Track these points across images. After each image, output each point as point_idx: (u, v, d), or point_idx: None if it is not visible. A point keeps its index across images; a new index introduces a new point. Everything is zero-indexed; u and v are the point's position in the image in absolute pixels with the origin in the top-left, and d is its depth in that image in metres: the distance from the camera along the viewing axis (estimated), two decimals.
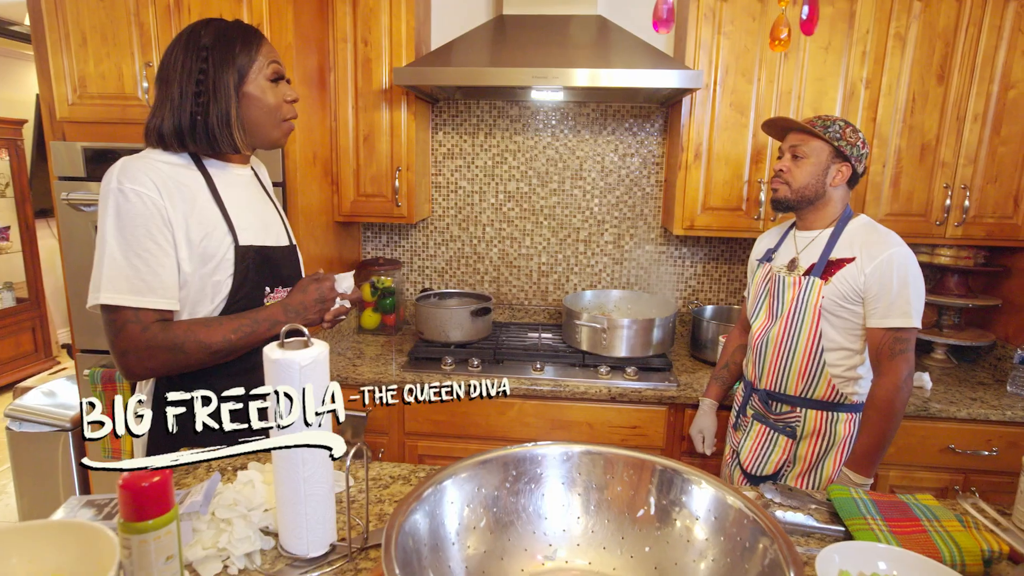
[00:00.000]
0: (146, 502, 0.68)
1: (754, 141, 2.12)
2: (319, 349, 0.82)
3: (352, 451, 0.85)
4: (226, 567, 0.84)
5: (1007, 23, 1.96)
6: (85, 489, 2.40)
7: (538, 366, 2.13)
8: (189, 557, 0.83)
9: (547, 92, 2.28)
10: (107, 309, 1.09)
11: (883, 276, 1.43)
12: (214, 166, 1.21)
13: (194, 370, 1.16)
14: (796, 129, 1.56)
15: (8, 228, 4.35)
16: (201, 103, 1.14)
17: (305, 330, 0.84)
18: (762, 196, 2.13)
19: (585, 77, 1.91)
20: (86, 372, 2.08)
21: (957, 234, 2.11)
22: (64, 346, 4.93)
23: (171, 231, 1.10)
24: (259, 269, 1.22)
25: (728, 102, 2.11)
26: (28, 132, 4.39)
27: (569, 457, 0.81)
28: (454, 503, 0.75)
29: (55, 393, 2.54)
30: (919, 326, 1.45)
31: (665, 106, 2.43)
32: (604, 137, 2.49)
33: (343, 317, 1.33)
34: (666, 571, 0.74)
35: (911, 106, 2.05)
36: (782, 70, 2.06)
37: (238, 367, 1.21)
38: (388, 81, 2.19)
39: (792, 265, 1.60)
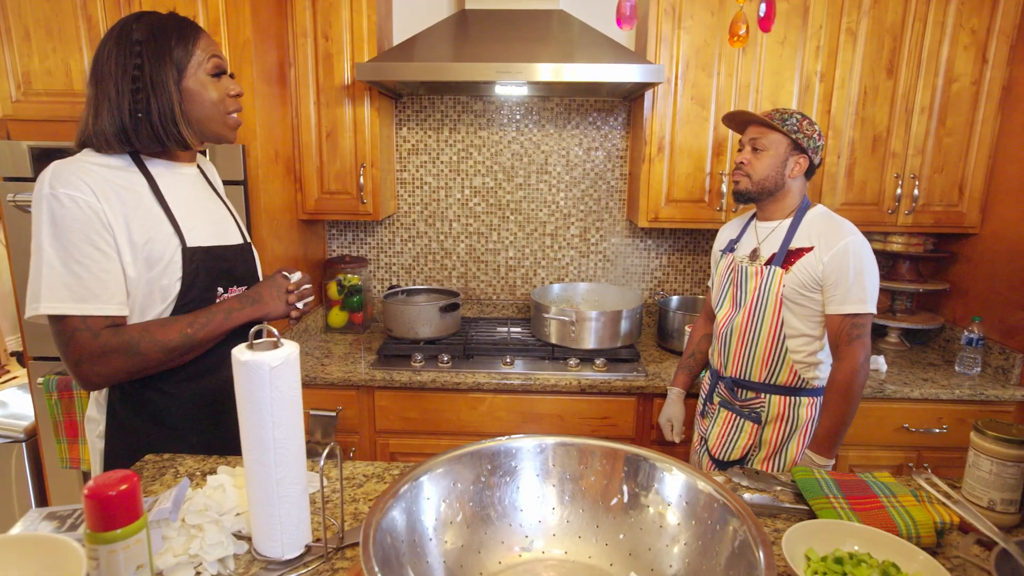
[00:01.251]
0: (114, 511, 0.66)
1: (715, 134, 2.17)
2: (289, 350, 0.81)
3: (325, 451, 0.84)
4: (199, 574, 0.83)
5: (950, 19, 2.05)
6: (42, 501, 2.32)
7: (508, 360, 2.14)
8: (160, 565, 0.82)
9: (511, 87, 2.28)
10: (54, 319, 1.05)
11: (840, 264, 1.48)
12: (157, 166, 1.17)
13: (151, 373, 1.13)
14: (755, 122, 1.60)
15: None
16: (140, 100, 1.09)
17: (275, 331, 0.83)
18: (724, 188, 2.18)
19: (548, 72, 1.92)
20: (40, 380, 2.00)
21: (908, 222, 2.19)
22: (14, 354, 4.72)
23: (112, 235, 1.06)
24: (209, 270, 1.18)
25: (689, 96, 2.14)
26: None
27: (543, 449, 0.82)
28: (430, 499, 0.75)
29: (6, 403, 2.45)
30: (874, 311, 1.50)
31: (628, 100, 2.46)
32: (568, 131, 2.50)
33: (310, 299, 1.29)
34: (640, 556, 0.76)
35: (863, 99, 2.12)
36: (741, 64, 2.11)
37: (192, 370, 1.18)
38: (350, 77, 2.16)
39: (754, 255, 1.64)
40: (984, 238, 2.20)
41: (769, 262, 1.59)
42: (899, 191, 2.16)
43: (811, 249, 1.53)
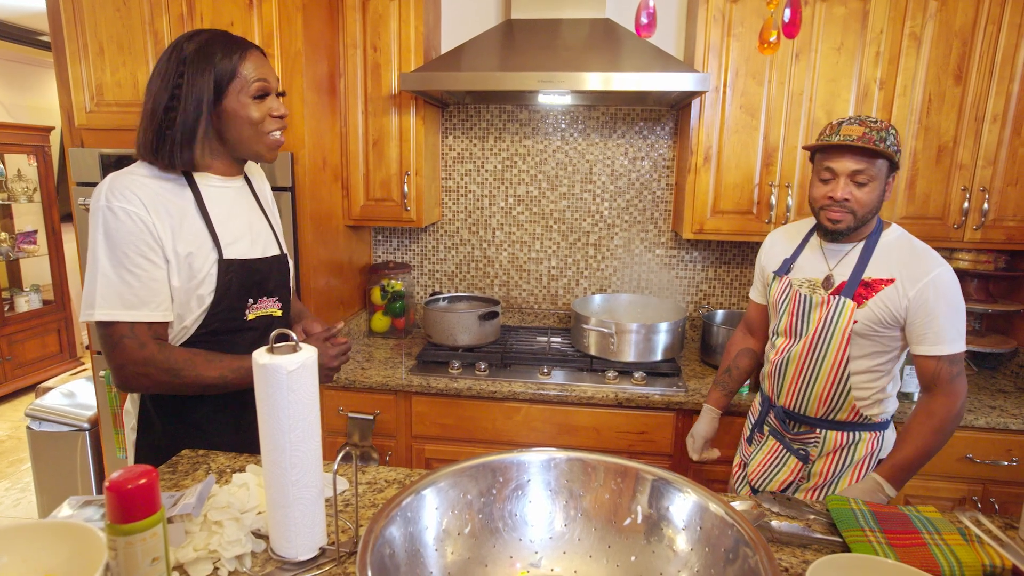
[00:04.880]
0: (132, 504, 0.69)
1: (765, 144, 2.09)
2: (307, 354, 0.83)
3: (340, 454, 0.85)
4: (216, 569, 0.85)
5: None
6: (101, 488, 2.46)
7: (545, 370, 2.13)
8: (180, 559, 0.84)
9: (555, 96, 2.28)
10: (102, 324, 1.11)
11: (929, 302, 1.34)
12: (204, 179, 1.20)
13: (181, 394, 1.19)
14: (857, 151, 1.35)
15: (35, 232, 4.47)
16: (171, 118, 1.12)
17: (294, 335, 0.85)
18: (773, 200, 2.10)
19: (594, 81, 1.91)
20: (102, 373, 2.13)
21: (976, 238, 2.05)
22: (88, 347, 5.06)
23: (160, 246, 1.11)
24: (242, 282, 1.21)
25: (738, 104, 2.08)
26: (55, 138, 4.51)
27: (554, 464, 0.80)
28: (437, 509, 0.75)
29: (74, 394, 2.61)
30: (964, 348, 1.39)
31: (675, 109, 2.41)
32: (614, 140, 2.48)
33: (348, 354, 1.34)
34: None
35: (927, 107, 2.00)
36: (793, 71, 2.03)
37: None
38: (397, 86, 2.21)
39: (828, 283, 1.46)
40: None
41: (837, 291, 1.43)
42: (966, 204, 2.02)
43: (891, 282, 1.37)
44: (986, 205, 2.02)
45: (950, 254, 2.21)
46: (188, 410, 1.23)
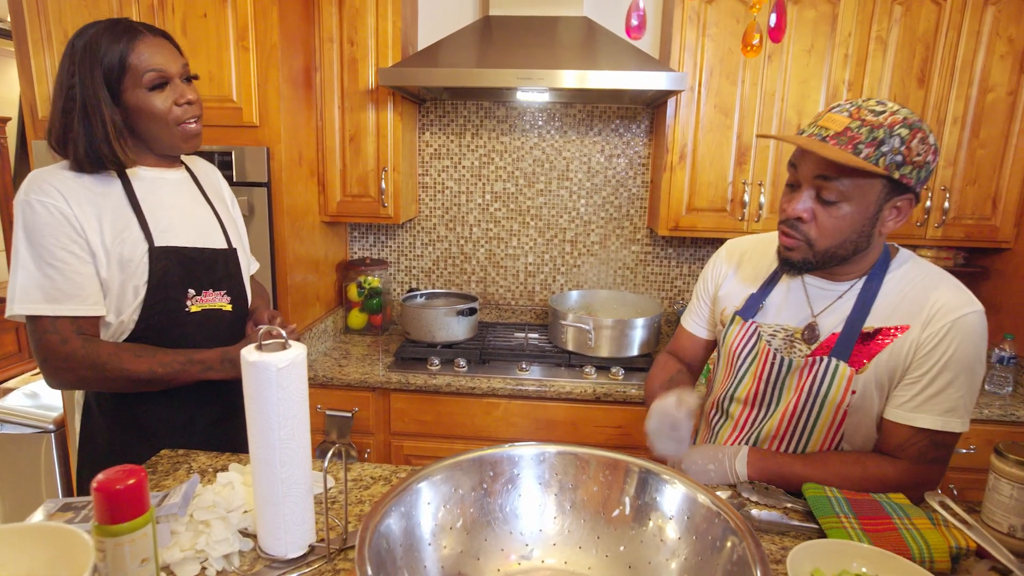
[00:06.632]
0: (120, 505, 0.68)
1: (738, 143, 2.14)
2: (296, 351, 0.83)
3: (331, 452, 0.85)
4: (204, 569, 0.84)
5: (985, 28, 1.99)
6: (68, 491, 2.39)
7: (524, 366, 2.14)
8: (167, 559, 0.83)
9: (533, 93, 2.29)
10: (29, 320, 1.09)
11: (941, 351, 0.99)
12: (136, 170, 1.17)
13: (117, 391, 1.16)
14: (830, 160, 0.94)
15: None
16: (69, 121, 1.08)
17: (283, 332, 0.84)
18: (746, 197, 2.15)
19: (571, 79, 1.92)
20: None
21: (937, 235, 2.14)
22: None
23: (84, 239, 1.09)
24: (180, 271, 1.18)
25: (712, 104, 2.12)
26: (12, 130, 4.34)
27: (545, 458, 0.82)
28: (430, 503, 0.75)
29: (37, 394, 2.53)
30: (966, 430, 1.03)
31: (651, 107, 2.44)
32: (590, 138, 2.50)
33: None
34: (639, 570, 0.75)
35: None
36: (766, 72, 2.08)
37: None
38: (374, 81, 2.19)
39: (810, 335, 1.08)
40: (1018, 252, 2.13)
41: (825, 348, 1.06)
42: (929, 203, 2.11)
43: (905, 329, 1.01)
44: (947, 204, 2.10)
45: (913, 251, 2.28)
46: (131, 409, 1.20)
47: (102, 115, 1.08)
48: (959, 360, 0.99)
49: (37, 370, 2.94)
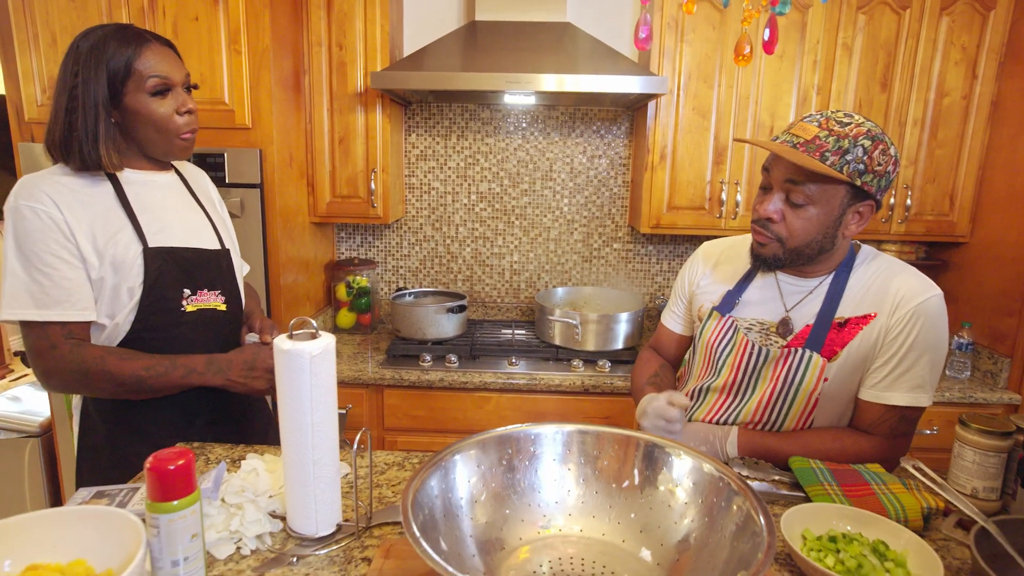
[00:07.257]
0: (174, 483, 0.72)
1: (715, 143, 2.24)
2: (327, 340, 0.88)
3: (358, 435, 0.90)
4: (238, 548, 0.89)
5: (941, 36, 2.13)
6: (55, 495, 2.37)
7: (513, 361, 2.21)
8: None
9: (518, 96, 2.36)
10: (21, 324, 1.10)
11: (908, 333, 1.10)
12: (126, 173, 1.18)
13: (109, 397, 1.17)
14: (799, 165, 1.04)
15: None
16: (72, 120, 1.09)
17: (313, 322, 0.89)
18: (723, 196, 2.26)
19: (554, 82, 2.00)
20: None
21: (900, 230, 2.28)
22: (17, 353, 4.76)
23: (75, 244, 1.10)
24: (175, 271, 1.19)
25: (691, 106, 2.22)
26: None
27: (562, 436, 0.89)
28: (462, 475, 0.81)
29: (20, 399, 2.50)
30: (931, 404, 1.14)
31: (631, 110, 2.53)
32: (573, 139, 2.58)
33: None
34: (651, 532, 0.82)
35: (858, 112, 2.20)
36: (741, 77, 2.19)
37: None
38: (363, 84, 2.23)
39: (784, 328, 1.18)
40: (974, 246, 2.28)
41: (799, 340, 1.16)
42: (892, 200, 2.24)
43: (872, 318, 1.12)
44: (909, 201, 2.24)
45: (878, 246, 2.43)
46: (128, 411, 1.20)
47: (96, 116, 1.10)
48: (924, 340, 1.11)
49: (20, 374, 2.90)
